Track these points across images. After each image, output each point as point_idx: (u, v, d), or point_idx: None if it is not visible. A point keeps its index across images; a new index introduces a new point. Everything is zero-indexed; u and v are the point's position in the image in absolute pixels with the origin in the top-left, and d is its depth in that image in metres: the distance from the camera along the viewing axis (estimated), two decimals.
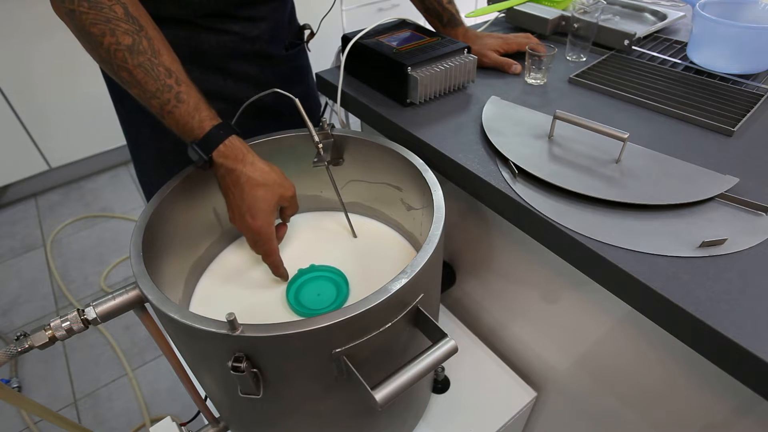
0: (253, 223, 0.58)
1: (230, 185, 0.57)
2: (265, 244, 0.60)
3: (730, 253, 0.50)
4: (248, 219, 0.57)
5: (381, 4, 2.51)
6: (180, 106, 0.55)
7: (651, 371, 0.59)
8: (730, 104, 0.73)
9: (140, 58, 0.53)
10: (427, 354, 0.45)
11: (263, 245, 0.60)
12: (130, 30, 0.53)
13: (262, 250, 0.61)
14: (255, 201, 0.57)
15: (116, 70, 0.54)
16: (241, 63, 0.79)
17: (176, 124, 0.55)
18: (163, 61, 0.55)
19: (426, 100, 0.78)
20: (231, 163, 0.56)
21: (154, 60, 0.54)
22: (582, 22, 0.85)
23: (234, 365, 0.43)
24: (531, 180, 0.61)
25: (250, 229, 0.58)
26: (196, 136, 0.56)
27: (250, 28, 0.77)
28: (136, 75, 0.53)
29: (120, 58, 0.53)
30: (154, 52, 0.54)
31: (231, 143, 0.57)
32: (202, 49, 0.74)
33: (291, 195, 0.61)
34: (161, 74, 0.54)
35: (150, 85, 0.54)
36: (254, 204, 0.57)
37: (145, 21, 0.55)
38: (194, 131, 0.55)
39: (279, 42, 0.83)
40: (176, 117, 0.55)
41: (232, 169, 0.56)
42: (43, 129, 2.02)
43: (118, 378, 1.48)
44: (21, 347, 0.48)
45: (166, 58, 0.55)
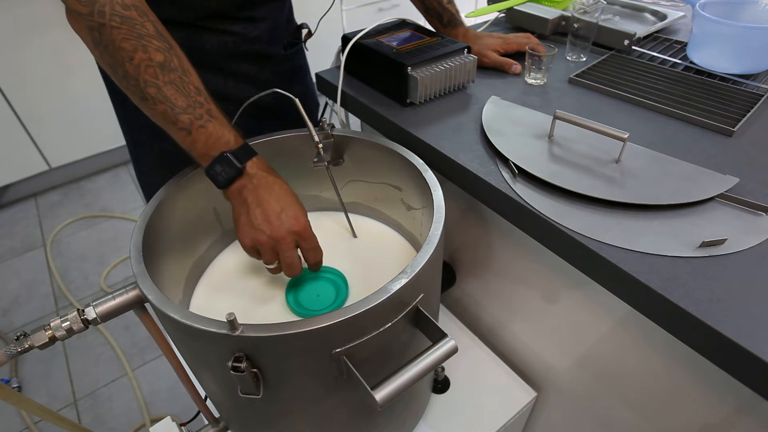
0: (298, 222, 0.57)
1: (263, 193, 0.56)
2: (313, 239, 0.59)
3: (730, 253, 0.50)
4: (292, 220, 0.56)
5: (381, 4, 2.51)
6: (213, 120, 0.56)
7: (650, 371, 0.59)
8: (730, 104, 0.73)
9: (171, 75, 0.54)
10: (427, 354, 0.45)
11: (312, 241, 0.59)
12: (161, 47, 0.54)
13: (312, 247, 0.59)
14: (294, 202, 0.57)
15: (143, 86, 0.54)
16: (241, 63, 0.79)
17: (207, 137, 0.55)
18: (192, 80, 0.56)
19: (426, 100, 0.78)
20: (265, 173, 0.57)
21: (185, 78, 0.55)
22: (582, 22, 0.85)
23: (234, 365, 0.43)
24: (531, 180, 0.61)
25: (297, 228, 0.57)
26: (231, 146, 0.56)
27: (251, 29, 0.77)
28: (165, 91, 0.54)
29: (150, 74, 0.53)
30: (185, 71, 0.55)
31: (261, 158, 0.58)
32: (202, 50, 0.74)
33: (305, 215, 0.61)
34: (192, 92, 0.55)
35: (180, 101, 0.54)
36: (294, 204, 0.57)
37: (173, 42, 0.56)
38: (230, 143, 0.56)
39: (278, 42, 0.84)
40: (209, 130, 0.55)
41: (267, 177, 0.57)
42: (43, 129, 2.02)
43: (118, 378, 1.48)
44: (21, 347, 0.48)
45: (194, 77, 0.56)
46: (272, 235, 0.55)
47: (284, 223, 0.56)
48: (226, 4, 0.71)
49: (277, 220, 0.56)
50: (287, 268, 0.58)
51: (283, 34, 0.85)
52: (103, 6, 0.52)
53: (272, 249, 0.56)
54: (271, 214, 0.56)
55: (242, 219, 0.56)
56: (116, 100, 0.82)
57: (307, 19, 0.91)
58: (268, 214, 0.56)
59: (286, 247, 0.56)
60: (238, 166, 0.55)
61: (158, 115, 0.55)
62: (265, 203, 0.56)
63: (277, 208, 0.56)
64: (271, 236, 0.55)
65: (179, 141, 0.56)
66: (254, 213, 0.56)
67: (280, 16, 0.82)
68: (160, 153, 0.83)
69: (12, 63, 1.83)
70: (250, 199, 0.56)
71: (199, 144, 0.56)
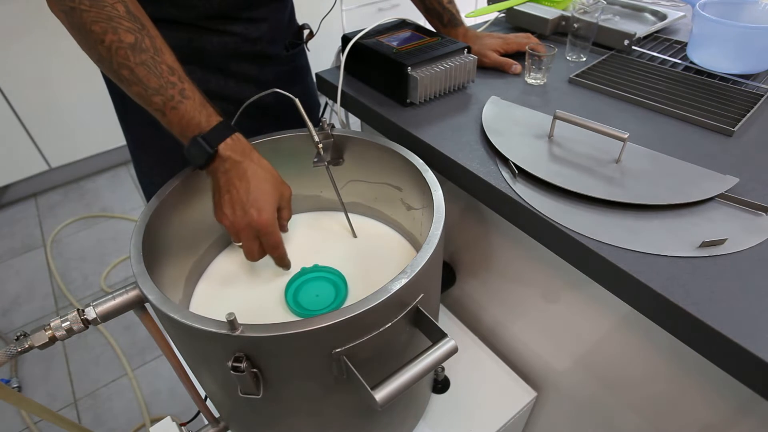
0: (260, 217, 0.56)
1: (234, 179, 0.56)
2: (273, 236, 0.59)
3: (730, 253, 0.50)
4: (254, 213, 0.56)
5: (381, 4, 2.51)
6: (185, 101, 0.55)
7: (650, 371, 0.59)
8: (730, 104, 0.73)
9: (143, 56, 0.53)
10: (427, 354, 0.45)
11: (271, 238, 0.59)
12: (132, 28, 0.53)
13: (270, 243, 0.59)
14: (261, 194, 0.56)
15: (116, 68, 0.54)
16: (242, 63, 0.79)
17: (180, 119, 0.55)
18: (165, 59, 0.55)
19: (426, 100, 0.78)
20: (238, 156, 0.56)
21: (157, 58, 0.54)
22: (582, 22, 0.85)
23: (234, 365, 0.43)
24: (531, 180, 0.61)
25: (257, 223, 0.56)
26: (202, 128, 0.55)
27: (252, 29, 0.77)
28: (137, 72, 0.53)
29: (122, 55, 0.53)
30: (156, 50, 0.54)
31: (237, 138, 0.57)
32: (203, 50, 0.74)
33: (289, 195, 0.61)
34: (164, 71, 0.54)
35: (152, 82, 0.54)
36: (260, 197, 0.56)
37: (145, 20, 0.55)
38: (201, 124, 0.55)
39: (279, 42, 0.84)
40: (181, 112, 0.55)
41: (238, 162, 0.56)
42: (43, 129, 2.02)
43: (118, 378, 1.48)
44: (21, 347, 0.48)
45: (168, 56, 0.55)
46: (233, 223, 0.56)
47: (246, 215, 0.56)
48: (227, 4, 0.71)
49: (240, 211, 0.56)
50: (245, 255, 0.60)
51: (284, 34, 0.85)
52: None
53: (235, 234, 0.58)
54: (236, 203, 0.56)
55: (215, 198, 0.58)
56: (116, 99, 0.82)
57: (308, 20, 0.91)
58: (233, 202, 0.56)
59: (244, 237, 0.57)
60: (208, 151, 0.55)
61: (135, 96, 0.55)
62: (233, 190, 0.56)
63: (243, 197, 0.56)
64: (232, 224, 0.56)
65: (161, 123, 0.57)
66: (223, 197, 0.56)
67: (281, 16, 0.82)
68: (160, 153, 0.83)
69: (12, 63, 1.83)
70: (222, 182, 0.57)
71: (174, 125, 0.56)
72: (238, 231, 0.57)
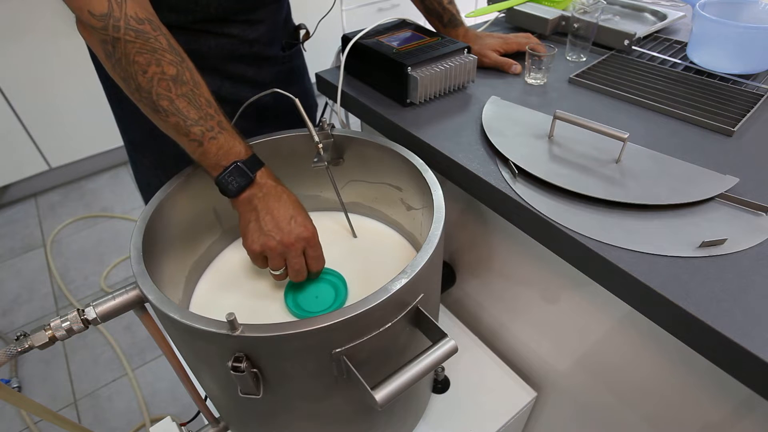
0: (307, 229, 0.58)
1: (273, 202, 0.58)
2: (319, 248, 0.60)
3: (730, 253, 0.50)
4: (301, 228, 0.58)
5: (381, 4, 2.51)
6: (224, 132, 0.57)
7: (650, 371, 0.59)
8: (730, 104, 0.73)
9: (183, 88, 0.55)
10: (427, 354, 0.45)
11: (318, 249, 0.60)
12: (174, 61, 0.55)
13: (317, 255, 0.61)
14: (302, 211, 0.59)
15: (155, 98, 0.54)
16: (238, 65, 0.79)
17: (218, 148, 0.56)
18: (203, 92, 0.57)
19: (426, 100, 0.78)
20: (274, 182, 0.59)
21: (196, 91, 0.56)
22: (582, 22, 0.85)
23: (234, 365, 0.43)
24: (531, 180, 0.61)
25: (303, 236, 0.58)
26: (242, 157, 0.57)
27: (249, 31, 0.77)
28: (178, 104, 0.55)
29: (164, 87, 0.54)
30: (196, 83, 0.56)
31: (268, 168, 0.60)
32: (200, 52, 0.74)
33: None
34: (203, 104, 0.56)
35: (192, 114, 0.55)
36: (302, 213, 0.59)
37: (184, 54, 0.57)
38: (241, 153, 0.57)
39: (276, 43, 0.84)
40: (220, 142, 0.56)
41: (275, 186, 0.59)
42: (43, 129, 2.02)
43: (118, 378, 1.48)
44: (21, 347, 0.48)
45: (205, 90, 0.57)
46: (282, 241, 0.57)
47: (294, 229, 0.57)
48: (225, 8, 0.71)
49: (287, 227, 0.57)
50: (295, 274, 0.60)
51: (281, 35, 0.85)
52: (118, 21, 0.52)
53: (280, 255, 0.58)
54: (282, 220, 0.57)
55: (251, 226, 0.58)
56: (113, 101, 0.82)
57: (305, 20, 0.91)
58: (278, 221, 0.57)
59: (294, 253, 0.58)
60: (250, 176, 0.57)
61: (170, 126, 0.56)
62: (275, 211, 0.57)
63: (287, 215, 0.57)
64: (281, 242, 0.57)
65: (190, 152, 0.57)
66: (264, 220, 0.57)
67: (278, 17, 0.82)
68: (157, 154, 0.83)
69: (12, 63, 1.83)
70: (260, 206, 0.57)
71: (210, 155, 0.56)
72: (288, 247, 0.57)
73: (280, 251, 0.57)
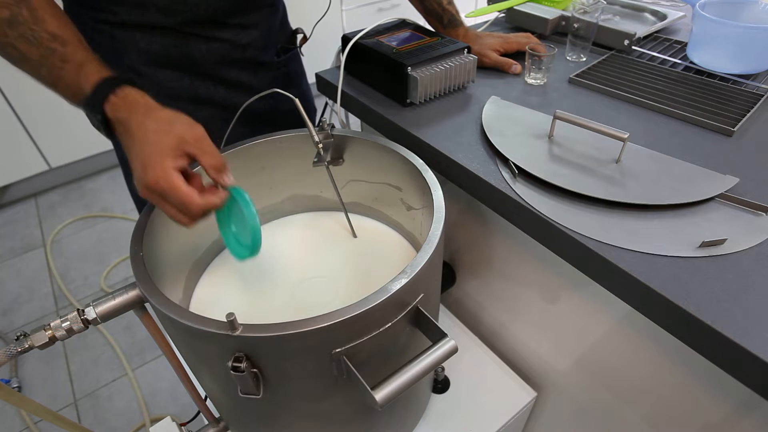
0: (146, 175, 0.46)
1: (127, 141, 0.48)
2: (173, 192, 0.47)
3: (730, 253, 0.50)
4: (142, 174, 0.46)
5: (381, 4, 2.51)
6: (65, 66, 0.50)
7: (650, 371, 0.59)
8: (730, 104, 0.73)
9: (20, 28, 0.49)
10: (427, 354, 0.45)
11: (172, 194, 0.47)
12: (6, 2, 0.50)
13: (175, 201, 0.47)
14: (148, 147, 0.47)
15: (3, 48, 0.50)
16: (232, 70, 0.78)
17: (66, 88, 0.50)
18: (46, 27, 0.50)
19: (426, 100, 0.78)
20: (123, 113, 0.48)
21: (35, 27, 0.50)
22: (582, 22, 0.85)
23: (234, 365, 0.43)
24: (531, 180, 0.61)
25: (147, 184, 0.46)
26: (84, 91, 0.49)
27: (242, 36, 0.75)
28: (20, 48, 0.49)
29: (1, 34, 0.49)
30: (36, 19, 0.50)
31: (124, 93, 0.49)
32: (192, 56, 0.73)
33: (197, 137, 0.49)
34: (44, 40, 0.50)
35: (33, 54, 0.49)
36: (146, 151, 0.46)
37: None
38: (82, 87, 0.49)
39: (271, 48, 0.82)
40: (65, 79, 0.50)
41: (123, 120, 0.48)
42: (43, 129, 2.02)
43: (118, 378, 1.48)
44: (21, 347, 0.48)
45: (51, 24, 0.50)
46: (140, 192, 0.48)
47: (138, 178, 0.47)
48: (214, 10, 0.70)
49: (137, 174, 0.48)
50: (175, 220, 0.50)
51: (276, 39, 0.83)
52: None
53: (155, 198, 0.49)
54: (134, 167, 0.48)
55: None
56: None
57: (303, 24, 0.90)
58: (134, 168, 0.48)
59: (153, 202, 0.49)
60: (97, 117, 0.49)
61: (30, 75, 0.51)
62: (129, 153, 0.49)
63: (132, 158, 0.48)
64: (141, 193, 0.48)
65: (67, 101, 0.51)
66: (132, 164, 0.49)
67: (273, 22, 0.81)
68: None
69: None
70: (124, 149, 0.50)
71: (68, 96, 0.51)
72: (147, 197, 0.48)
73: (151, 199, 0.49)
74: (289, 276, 0.67)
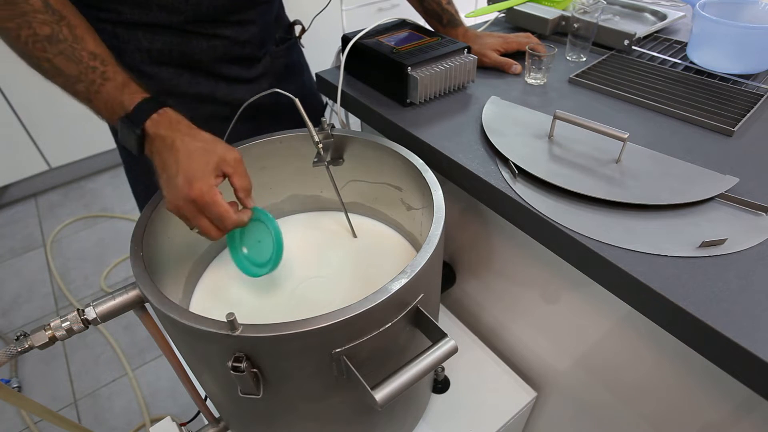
0: (191, 188, 0.49)
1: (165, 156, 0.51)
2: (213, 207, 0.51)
3: (730, 253, 0.50)
4: (185, 186, 0.49)
5: (381, 4, 2.51)
6: (106, 83, 0.53)
7: (650, 371, 0.59)
8: (730, 104, 0.73)
9: (60, 46, 0.52)
10: (427, 354, 0.45)
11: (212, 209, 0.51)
12: (48, 20, 0.52)
13: (213, 215, 0.52)
14: (191, 163, 0.50)
15: (37, 61, 0.53)
16: (232, 66, 0.78)
17: (104, 103, 0.53)
18: (86, 46, 0.53)
19: (426, 100, 0.78)
20: (165, 131, 0.52)
21: (76, 46, 0.53)
22: (582, 22, 0.85)
23: (234, 365, 0.43)
24: (531, 180, 0.61)
25: (190, 196, 0.50)
26: (126, 108, 0.53)
27: (241, 32, 0.76)
28: (57, 63, 0.52)
29: (39, 49, 0.52)
30: (76, 38, 0.53)
31: (165, 112, 0.53)
32: (192, 54, 0.73)
33: (234, 160, 0.53)
34: (84, 58, 0.53)
35: (72, 70, 0.52)
36: (191, 167, 0.50)
37: (67, 11, 0.54)
38: (124, 104, 0.53)
39: (268, 44, 0.83)
40: (103, 95, 0.53)
41: (165, 137, 0.52)
42: (43, 129, 2.02)
43: (118, 378, 1.48)
44: (21, 347, 0.48)
45: (90, 43, 0.54)
46: (173, 204, 0.51)
47: (179, 190, 0.50)
48: (215, 8, 0.70)
49: (174, 188, 0.51)
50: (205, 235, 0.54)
51: (271, 34, 0.83)
52: None
53: (182, 218, 0.53)
54: (170, 180, 0.51)
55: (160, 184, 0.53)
56: None
57: (302, 17, 0.91)
58: (168, 181, 0.51)
59: (189, 216, 0.52)
60: (136, 132, 0.52)
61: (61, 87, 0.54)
62: (167, 167, 0.51)
63: (174, 172, 0.51)
64: (174, 205, 0.52)
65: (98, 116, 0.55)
66: (162, 179, 0.52)
67: (268, 18, 0.81)
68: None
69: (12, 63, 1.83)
70: (157, 163, 0.53)
71: (102, 112, 0.54)
72: (180, 210, 0.51)
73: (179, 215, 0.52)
74: (289, 276, 0.67)
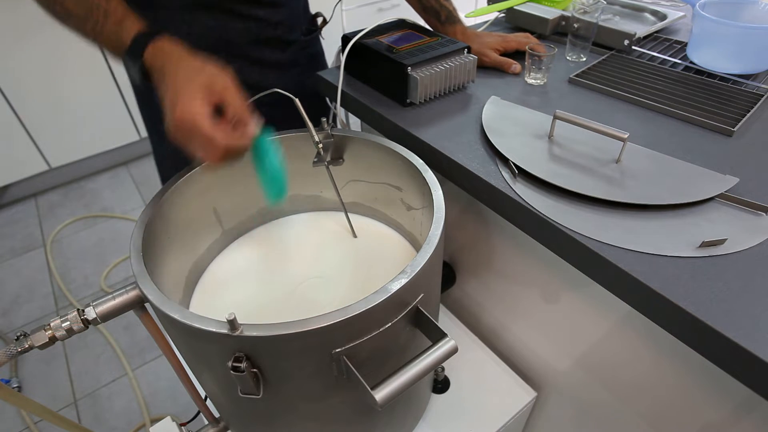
0: (173, 112, 0.47)
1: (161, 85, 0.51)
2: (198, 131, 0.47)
3: (730, 253, 0.50)
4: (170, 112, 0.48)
5: (381, 4, 2.51)
6: (107, 20, 0.53)
7: (650, 371, 0.59)
8: (730, 104, 0.73)
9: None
10: (427, 354, 0.45)
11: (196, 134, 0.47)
12: None
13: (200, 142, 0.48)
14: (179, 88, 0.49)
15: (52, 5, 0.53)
16: (264, 49, 0.81)
17: (108, 41, 0.53)
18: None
19: (426, 100, 0.78)
20: (159, 61, 0.51)
21: None
22: (582, 22, 0.85)
23: (234, 365, 0.43)
24: (531, 180, 0.61)
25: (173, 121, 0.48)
26: (124, 43, 0.52)
27: (273, 14, 0.79)
28: (66, 5, 0.53)
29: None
30: None
31: (160, 43, 0.53)
32: (228, 38, 0.76)
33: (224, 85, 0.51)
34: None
35: (80, 10, 0.53)
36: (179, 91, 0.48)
37: None
38: (122, 39, 0.53)
39: (297, 28, 0.86)
40: (106, 33, 0.53)
41: (160, 67, 0.51)
42: (43, 129, 2.02)
43: (118, 378, 1.48)
44: (21, 347, 0.48)
45: None
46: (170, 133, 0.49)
47: (171, 114, 0.49)
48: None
49: (169, 117, 0.49)
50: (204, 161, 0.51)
51: (300, 21, 0.87)
52: None
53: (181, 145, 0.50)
54: (166, 110, 0.49)
55: None
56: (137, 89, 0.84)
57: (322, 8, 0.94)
58: (166, 110, 0.50)
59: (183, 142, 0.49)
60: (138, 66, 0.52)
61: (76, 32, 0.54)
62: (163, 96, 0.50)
63: (168, 102, 0.49)
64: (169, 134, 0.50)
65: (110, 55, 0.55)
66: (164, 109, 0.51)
67: (297, 3, 0.85)
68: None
69: (12, 63, 1.83)
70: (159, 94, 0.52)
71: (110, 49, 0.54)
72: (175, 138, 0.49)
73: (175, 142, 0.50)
74: (290, 276, 0.67)
